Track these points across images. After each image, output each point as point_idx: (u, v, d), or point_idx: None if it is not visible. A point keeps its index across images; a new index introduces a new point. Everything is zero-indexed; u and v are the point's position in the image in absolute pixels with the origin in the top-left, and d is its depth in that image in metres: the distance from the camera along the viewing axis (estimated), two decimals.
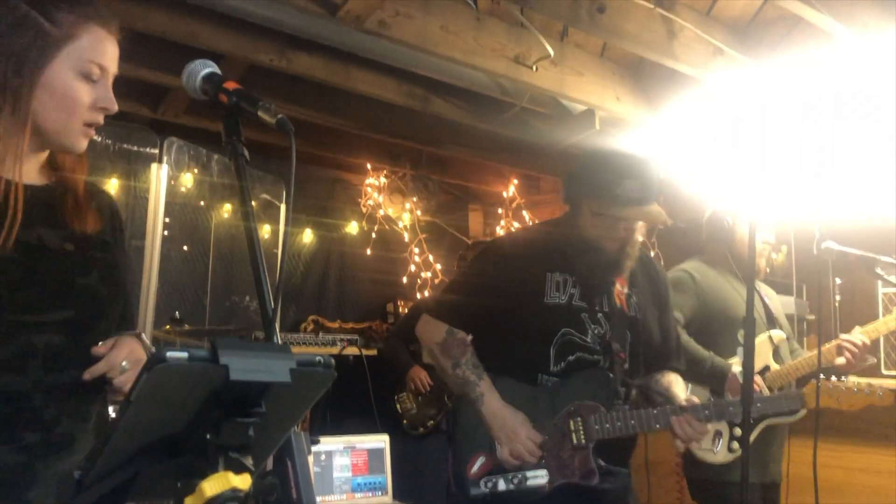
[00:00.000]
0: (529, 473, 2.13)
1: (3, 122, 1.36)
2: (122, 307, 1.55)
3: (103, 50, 1.40)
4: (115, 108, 1.41)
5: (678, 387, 2.34)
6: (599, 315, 2.23)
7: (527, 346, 2.22)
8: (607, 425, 2.15)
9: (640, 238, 2.29)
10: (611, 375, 2.20)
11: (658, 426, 2.19)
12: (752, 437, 2.77)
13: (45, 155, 1.47)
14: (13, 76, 1.33)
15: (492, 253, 2.42)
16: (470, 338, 2.26)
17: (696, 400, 2.24)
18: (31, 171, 1.44)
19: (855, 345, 2.78)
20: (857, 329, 2.84)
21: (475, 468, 2.17)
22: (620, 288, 2.28)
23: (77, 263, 1.43)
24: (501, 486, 2.13)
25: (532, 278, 2.21)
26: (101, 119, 1.41)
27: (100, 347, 1.41)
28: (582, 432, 2.16)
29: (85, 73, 1.37)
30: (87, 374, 1.38)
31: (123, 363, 1.40)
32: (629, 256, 2.24)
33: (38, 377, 1.35)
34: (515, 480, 2.12)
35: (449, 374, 2.24)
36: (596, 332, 2.21)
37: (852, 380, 2.59)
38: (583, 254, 2.22)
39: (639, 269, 2.33)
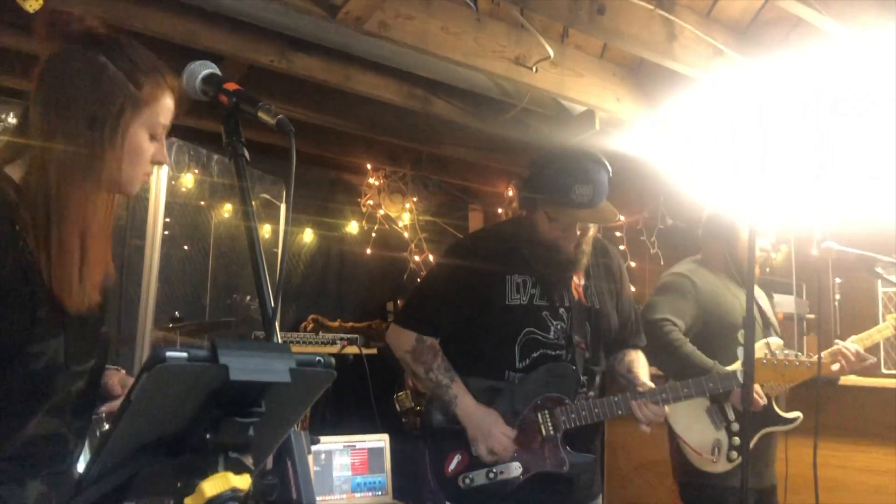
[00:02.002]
0: (504, 467, 2.27)
1: (80, 171, 1.38)
2: None
3: (169, 111, 1.47)
4: (166, 161, 1.52)
5: (639, 366, 2.48)
6: (560, 310, 2.34)
7: (492, 346, 2.33)
8: (573, 415, 2.29)
9: (592, 232, 2.40)
10: (573, 367, 2.32)
11: (620, 412, 2.33)
12: (751, 445, 2.76)
13: None
14: (98, 132, 1.38)
15: (452, 259, 2.48)
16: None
17: (651, 385, 2.36)
18: None
19: (850, 352, 2.78)
20: (852, 338, 2.85)
21: (452, 466, 2.30)
22: (577, 280, 2.40)
23: (101, 315, 1.52)
24: (478, 481, 2.26)
25: (493, 282, 2.33)
26: (152, 171, 1.52)
27: (116, 385, 1.54)
28: (550, 424, 2.29)
29: (153, 133, 1.45)
30: (106, 409, 1.51)
31: None
32: (585, 252, 2.37)
33: (69, 420, 1.45)
34: (491, 475, 2.26)
35: (422, 378, 2.36)
36: (558, 327, 2.33)
37: (792, 353, 2.67)
38: (541, 255, 2.33)
39: (592, 255, 2.43)
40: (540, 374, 2.31)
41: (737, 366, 2.75)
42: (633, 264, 4.56)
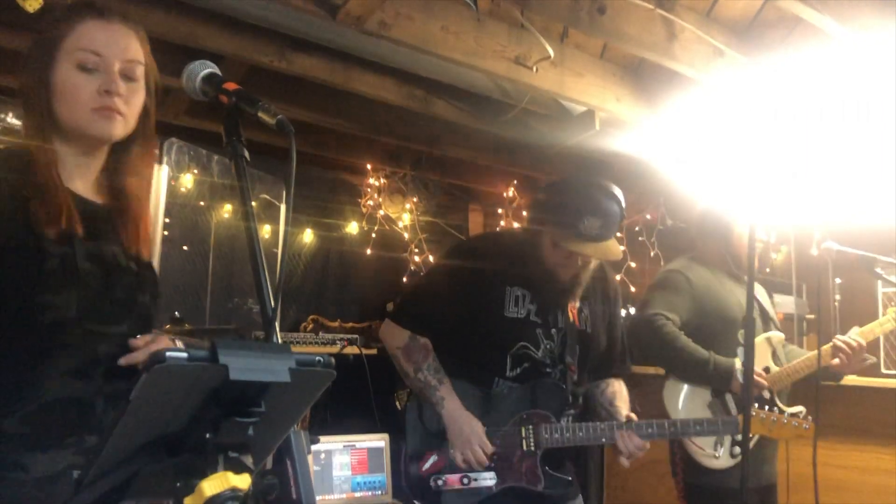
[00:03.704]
0: (478, 475, 2.26)
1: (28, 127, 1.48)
2: None
3: (93, 37, 1.48)
4: (116, 88, 1.48)
5: (622, 398, 2.47)
6: (552, 331, 2.35)
7: (485, 353, 2.33)
8: (556, 435, 2.28)
9: (593, 265, 2.36)
10: (563, 386, 2.32)
11: (604, 440, 2.32)
12: (752, 444, 2.76)
13: (97, 169, 1.57)
14: (32, 86, 1.48)
15: (454, 262, 2.47)
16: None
17: (634, 417, 2.36)
18: (88, 188, 1.55)
19: (850, 346, 2.77)
20: (854, 329, 2.84)
21: (427, 465, 2.29)
22: (573, 302, 2.40)
23: (138, 282, 1.55)
24: (450, 485, 2.26)
25: (492, 291, 2.32)
26: (109, 102, 1.48)
27: (137, 340, 1.50)
28: (532, 440, 2.28)
29: (80, 63, 1.46)
30: (124, 361, 1.47)
31: None
32: (581, 284, 2.35)
33: (98, 385, 1.44)
34: (465, 480, 2.25)
35: (411, 377, 2.34)
36: (547, 346, 2.33)
37: (786, 410, 2.68)
38: (539, 276, 2.33)
39: (589, 277, 2.39)
40: (529, 388, 2.31)
41: (735, 361, 2.75)
42: (633, 265, 4.56)
